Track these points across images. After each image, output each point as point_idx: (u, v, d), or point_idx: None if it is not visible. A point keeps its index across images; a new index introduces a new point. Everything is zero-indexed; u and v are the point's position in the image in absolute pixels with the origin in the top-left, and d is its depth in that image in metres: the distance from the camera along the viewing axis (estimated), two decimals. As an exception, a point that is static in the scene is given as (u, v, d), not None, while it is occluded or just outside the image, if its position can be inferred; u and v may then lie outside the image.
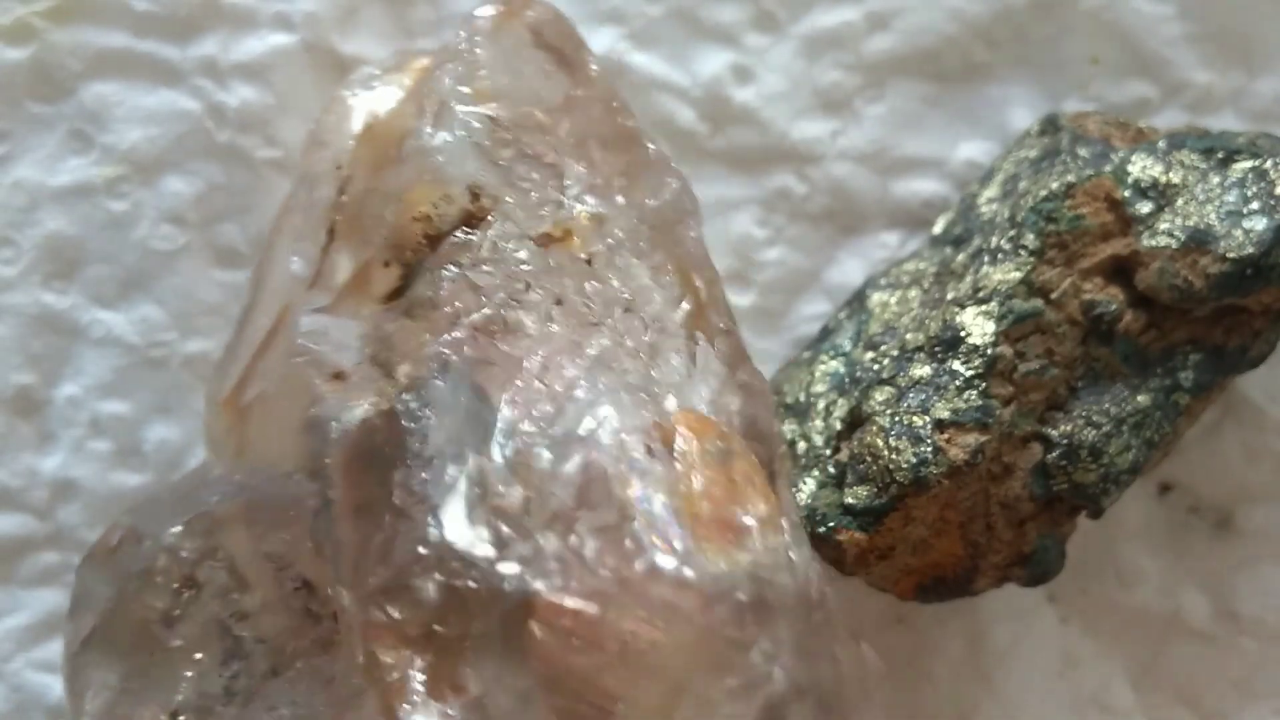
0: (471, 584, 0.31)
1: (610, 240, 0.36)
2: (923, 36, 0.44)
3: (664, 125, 0.44)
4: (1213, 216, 0.39)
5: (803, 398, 0.42)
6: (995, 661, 0.44)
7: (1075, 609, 0.44)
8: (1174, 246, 0.40)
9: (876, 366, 0.41)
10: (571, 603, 0.31)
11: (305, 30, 0.44)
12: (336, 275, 0.37)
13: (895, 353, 0.41)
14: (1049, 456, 0.40)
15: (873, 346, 0.42)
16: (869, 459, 0.39)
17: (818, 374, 0.42)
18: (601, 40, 0.44)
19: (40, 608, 0.43)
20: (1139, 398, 0.40)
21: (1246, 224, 0.39)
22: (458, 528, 0.32)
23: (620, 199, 0.37)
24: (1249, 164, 0.40)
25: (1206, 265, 0.39)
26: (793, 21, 0.45)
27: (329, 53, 0.44)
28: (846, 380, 0.42)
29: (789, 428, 0.42)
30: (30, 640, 0.43)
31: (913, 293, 0.43)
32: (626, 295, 0.36)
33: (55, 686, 0.43)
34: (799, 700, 0.32)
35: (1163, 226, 0.40)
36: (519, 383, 0.34)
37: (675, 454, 0.33)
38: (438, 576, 0.32)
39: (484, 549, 0.32)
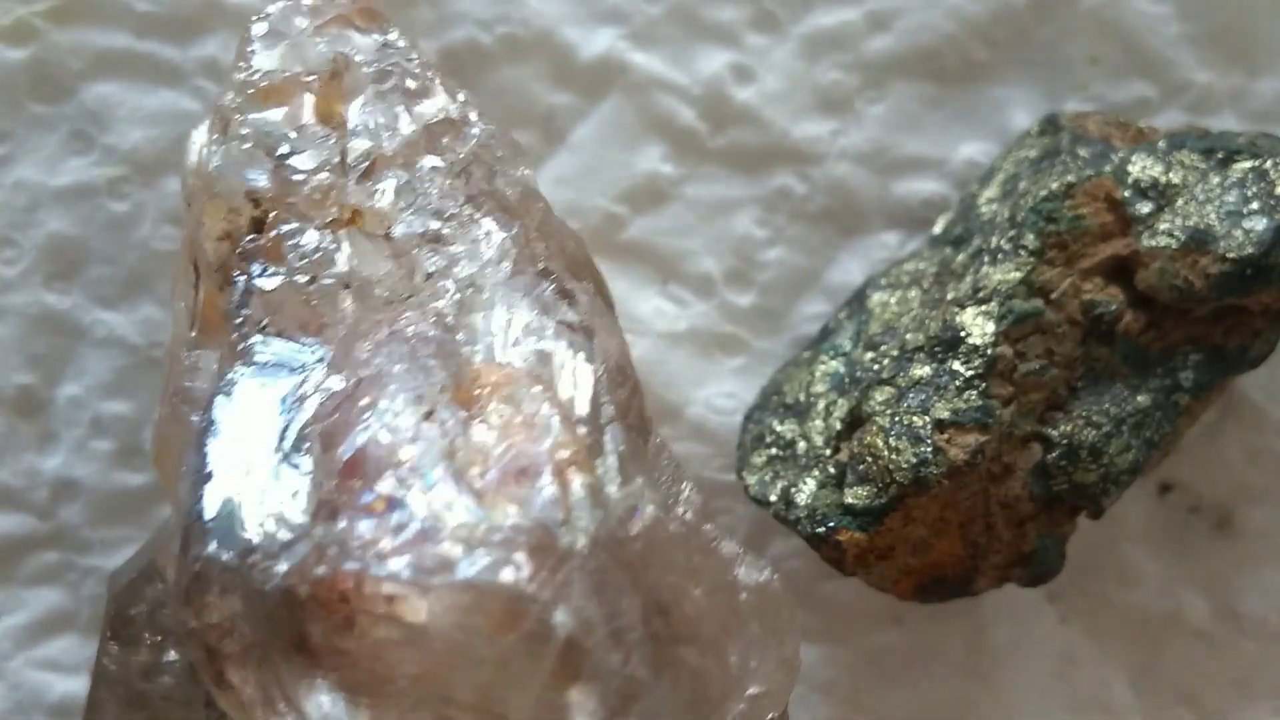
0: (241, 591, 0.31)
1: (415, 209, 0.36)
2: (923, 36, 0.44)
3: (664, 125, 0.44)
4: (1213, 216, 0.39)
5: (803, 398, 0.42)
6: (995, 661, 0.44)
7: (1075, 609, 0.44)
8: (1174, 246, 0.40)
9: (876, 366, 0.41)
10: (326, 587, 0.31)
11: (306, 30, 0.44)
12: (199, 309, 0.37)
13: (895, 353, 0.41)
14: (1049, 456, 0.40)
15: (873, 346, 0.42)
16: (869, 459, 0.39)
17: (818, 374, 0.42)
18: (601, 40, 0.44)
19: (41, 606, 0.43)
20: (1139, 398, 0.40)
21: (1246, 224, 0.39)
22: (226, 539, 0.32)
23: (429, 160, 0.36)
24: (1249, 164, 0.40)
25: (1206, 265, 0.39)
26: (793, 21, 0.45)
27: (330, 53, 0.44)
28: (846, 380, 0.42)
29: (789, 428, 0.42)
30: (30, 639, 0.43)
31: (913, 293, 0.43)
32: (433, 260, 0.35)
33: (55, 685, 0.43)
34: (589, 638, 0.31)
35: (1163, 226, 0.40)
36: (309, 376, 0.34)
37: (474, 411, 0.33)
38: (214, 589, 0.31)
39: (249, 554, 0.31)
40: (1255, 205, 0.39)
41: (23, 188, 0.43)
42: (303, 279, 0.35)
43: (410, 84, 0.37)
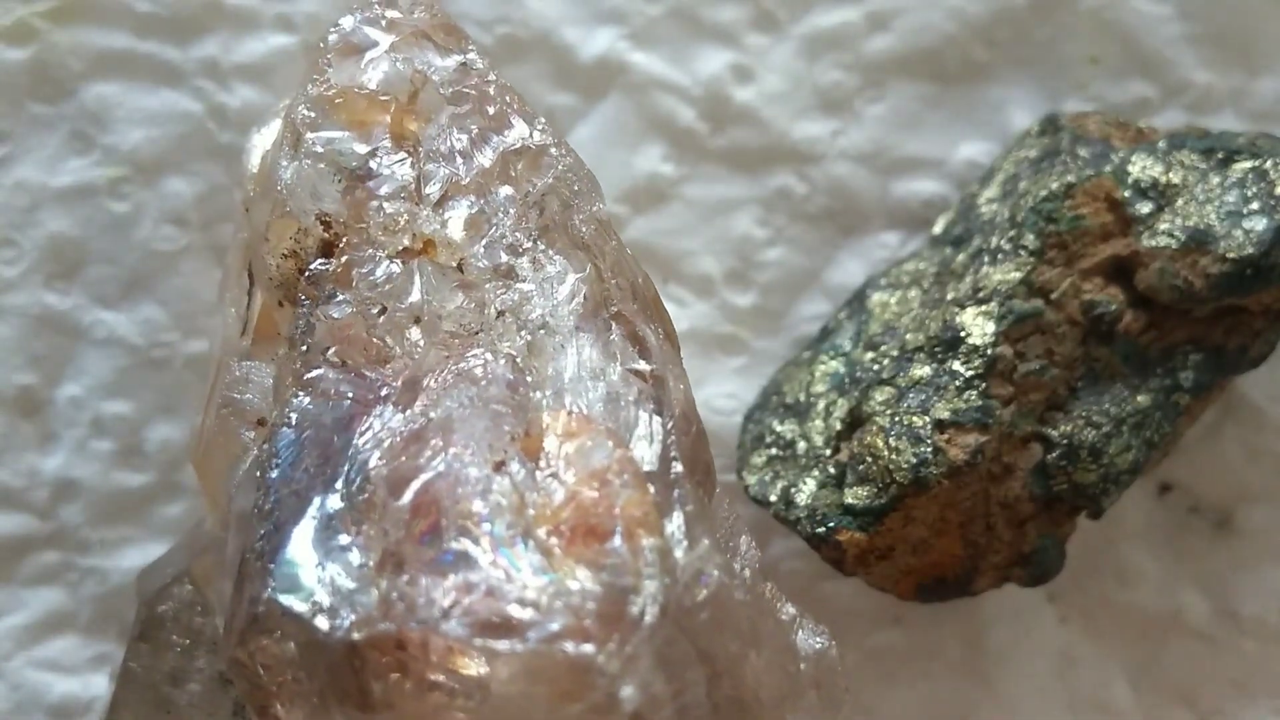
0: (302, 639, 0.30)
1: (486, 240, 0.34)
2: (923, 36, 0.44)
3: (664, 125, 0.44)
4: (1213, 216, 0.39)
5: (803, 398, 0.42)
6: (995, 661, 0.44)
7: (1075, 609, 0.44)
8: (1174, 246, 0.40)
9: (876, 367, 0.41)
10: (390, 644, 0.30)
11: (307, 31, 0.44)
12: (254, 319, 0.36)
13: (895, 353, 0.41)
14: (1049, 456, 0.40)
15: (873, 346, 0.42)
16: (869, 459, 0.39)
17: (818, 374, 0.42)
18: (601, 40, 0.44)
19: (41, 607, 0.43)
20: (1139, 398, 0.40)
21: (1246, 224, 0.39)
22: (288, 584, 0.31)
23: (503, 192, 0.35)
24: (1249, 164, 0.40)
25: (1206, 265, 0.39)
26: (793, 21, 0.45)
27: (330, 53, 0.44)
28: (846, 380, 0.42)
29: (789, 428, 0.42)
30: (30, 639, 0.43)
31: (913, 293, 0.43)
32: (504, 295, 0.34)
33: (55, 685, 0.43)
34: (656, 713, 0.30)
35: (1163, 227, 0.40)
36: (378, 413, 0.33)
37: (541, 463, 0.32)
38: (273, 633, 0.31)
39: (311, 604, 0.30)
40: (1255, 205, 0.39)
41: (23, 188, 0.43)
42: (373, 310, 0.34)
43: (488, 109, 0.36)
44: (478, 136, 0.35)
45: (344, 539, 0.31)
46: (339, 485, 0.32)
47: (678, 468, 0.33)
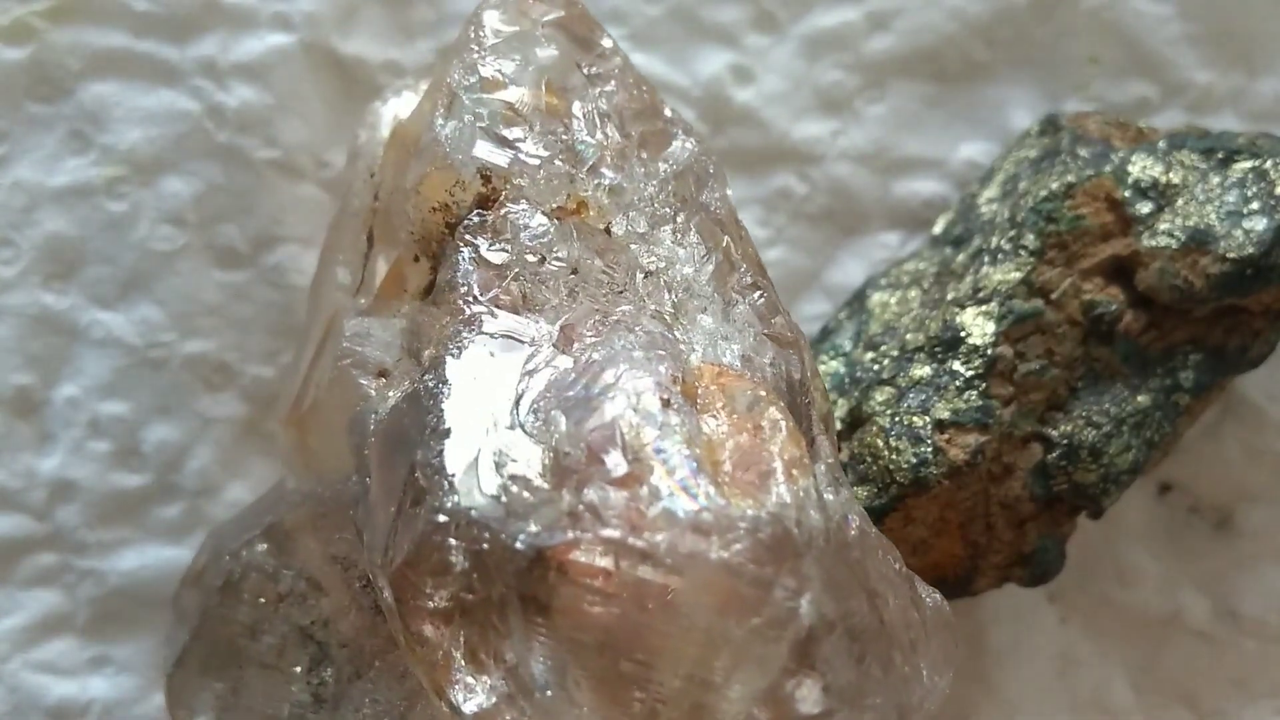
0: (485, 546, 0.31)
1: (630, 208, 0.37)
2: (923, 36, 0.44)
3: (664, 125, 0.44)
4: (1213, 216, 0.40)
5: (803, 398, 0.42)
6: (995, 661, 0.44)
7: (1075, 609, 0.44)
8: (1174, 246, 0.40)
9: (876, 367, 0.41)
10: (584, 554, 0.31)
11: (305, 30, 0.44)
12: (377, 279, 0.38)
13: (895, 353, 0.41)
14: (1049, 457, 0.40)
15: (873, 346, 0.42)
16: (869, 459, 0.39)
17: (818, 374, 0.42)
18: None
19: (38, 608, 0.43)
20: (1139, 398, 0.40)
21: (1246, 224, 0.39)
22: (471, 494, 0.32)
23: (641, 168, 0.37)
24: (1249, 164, 0.40)
25: (1206, 265, 0.39)
26: (793, 21, 0.45)
27: (328, 53, 0.44)
28: (846, 380, 0.42)
29: (789, 428, 0.42)
30: (28, 641, 0.43)
31: (913, 293, 0.43)
32: (649, 259, 0.36)
33: (53, 687, 0.43)
34: (829, 633, 0.31)
35: (1163, 227, 0.40)
36: (538, 351, 0.34)
37: (699, 405, 0.33)
38: (453, 542, 0.32)
39: (497, 511, 0.32)
40: (1255, 205, 0.39)
41: (21, 188, 0.43)
42: (532, 258, 0.35)
43: (625, 92, 0.38)
44: (619, 117, 0.38)
45: (522, 458, 0.32)
46: (510, 411, 0.33)
47: (816, 424, 0.35)
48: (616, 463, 0.32)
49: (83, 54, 0.43)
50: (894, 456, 0.39)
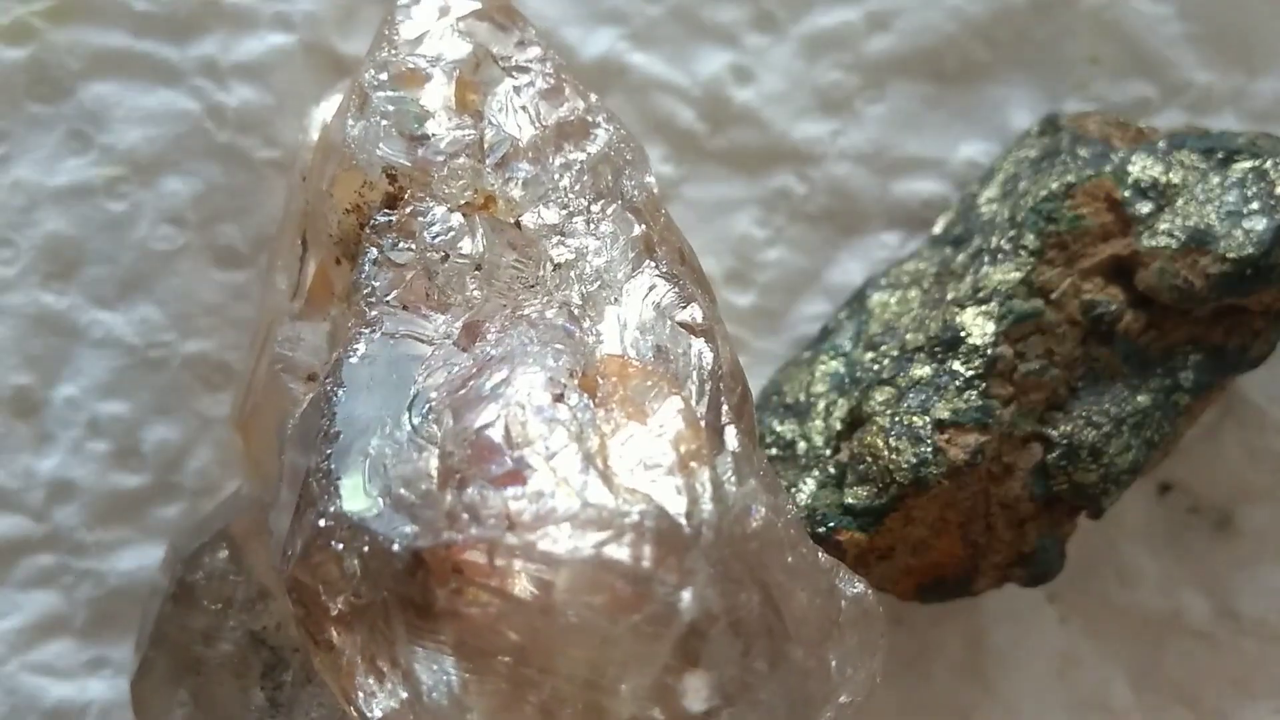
0: (366, 549, 0.31)
1: (543, 200, 0.36)
2: (923, 36, 0.44)
3: (664, 125, 0.44)
4: (1213, 216, 0.40)
5: (803, 398, 0.42)
6: (995, 661, 0.44)
7: (1075, 609, 0.44)
8: (1174, 246, 0.40)
9: (876, 367, 0.41)
10: (457, 554, 0.31)
11: (305, 30, 0.44)
12: (308, 282, 0.38)
13: (895, 353, 0.41)
14: (1049, 457, 0.40)
15: (873, 347, 0.42)
16: (869, 459, 0.39)
17: (818, 374, 0.42)
18: (601, 40, 0.44)
19: (36, 610, 0.43)
20: (1139, 398, 0.40)
21: (1246, 224, 0.39)
22: (355, 498, 0.32)
23: (559, 159, 0.37)
24: (1249, 164, 0.40)
25: (1206, 265, 0.39)
26: (793, 21, 0.45)
27: (328, 53, 0.44)
28: (846, 380, 0.42)
29: (789, 428, 0.42)
30: (25, 643, 0.43)
31: (913, 293, 0.43)
32: (560, 251, 0.36)
33: (51, 689, 0.43)
34: (712, 627, 0.31)
35: (1163, 226, 0.40)
36: (438, 350, 0.34)
37: (598, 399, 0.33)
38: (339, 547, 0.32)
39: (377, 514, 0.32)
40: (1255, 205, 0.39)
41: (20, 187, 0.43)
42: (435, 256, 0.35)
43: (542, 84, 0.38)
44: (534, 108, 0.38)
45: (408, 459, 0.32)
46: (403, 412, 0.33)
47: (726, 414, 0.34)
48: (500, 461, 0.32)
49: (83, 54, 0.43)
50: (894, 456, 0.39)
